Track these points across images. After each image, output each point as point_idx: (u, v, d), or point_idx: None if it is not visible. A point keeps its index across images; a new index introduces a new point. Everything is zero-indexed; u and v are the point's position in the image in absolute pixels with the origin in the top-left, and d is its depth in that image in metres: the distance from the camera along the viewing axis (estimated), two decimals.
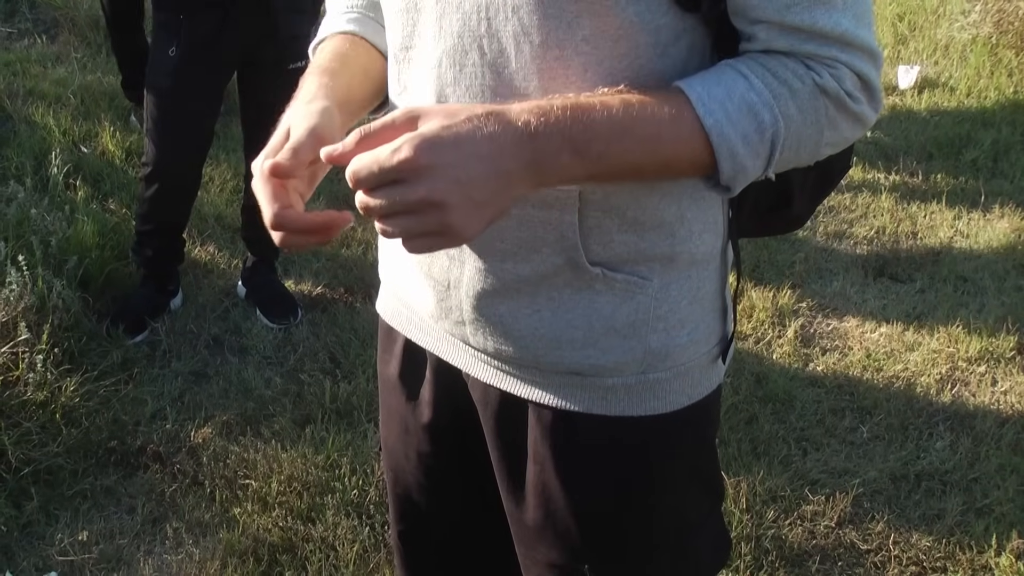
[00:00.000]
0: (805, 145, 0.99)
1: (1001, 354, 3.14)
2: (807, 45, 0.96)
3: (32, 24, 5.36)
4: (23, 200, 3.31)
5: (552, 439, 1.17)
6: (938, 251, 3.72)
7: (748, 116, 0.95)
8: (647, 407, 1.14)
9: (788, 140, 0.97)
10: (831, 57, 0.96)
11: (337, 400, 2.85)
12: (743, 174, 0.97)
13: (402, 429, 1.37)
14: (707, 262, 1.13)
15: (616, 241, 1.06)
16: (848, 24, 0.95)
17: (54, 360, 2.76)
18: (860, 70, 0.98)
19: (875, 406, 2.91)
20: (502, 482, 1.26)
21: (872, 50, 0.98)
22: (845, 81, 0.97)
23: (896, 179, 4.22)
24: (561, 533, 1.21)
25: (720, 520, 1.34)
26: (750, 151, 0.96)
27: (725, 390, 2.89)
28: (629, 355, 1.11)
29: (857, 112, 1.00)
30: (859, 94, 0.99)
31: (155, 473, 2.60)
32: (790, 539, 2.45)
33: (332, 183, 4.07)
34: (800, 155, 1.00)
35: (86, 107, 4.41)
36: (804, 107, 0.96)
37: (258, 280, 3.29)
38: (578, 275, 1.07)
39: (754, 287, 3.44)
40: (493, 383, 1.19)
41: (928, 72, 5.21)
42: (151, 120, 2.99)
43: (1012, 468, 2.68)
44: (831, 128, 0.99)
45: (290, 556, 2.35)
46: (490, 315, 1.12)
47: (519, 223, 1.06)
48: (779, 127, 0.96)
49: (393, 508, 1.46)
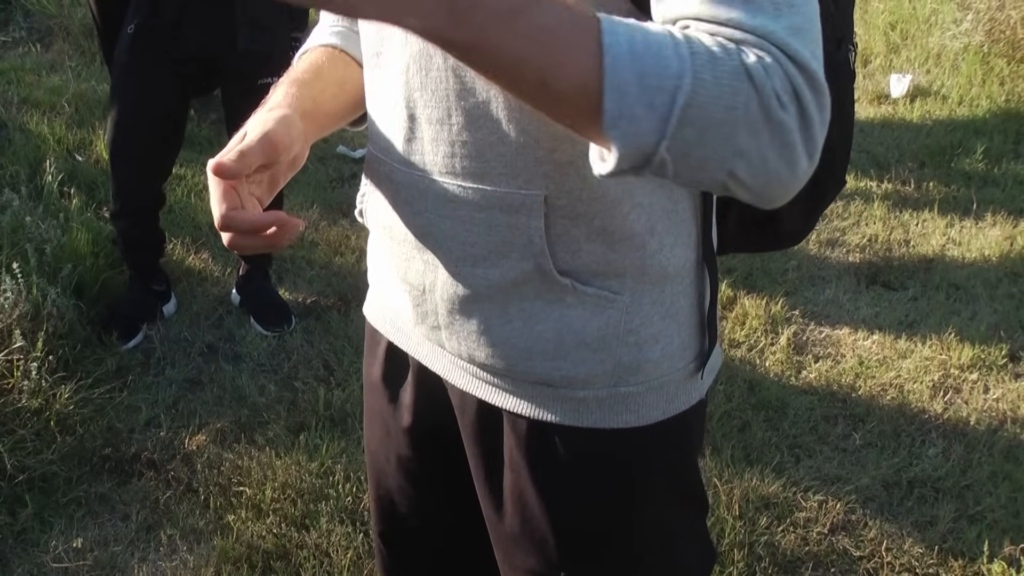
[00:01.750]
0: (714, 134, 0.81)
1: (993, 361, 3.15)
2: (729, 31, 0.83)
3: (26, 33, 5.37)
4: (18, 208, 3.32)
5: (527, 448, 1.17)
6: (930, 259, 3.74)
7: (653, 55, 0.80)
8: (620, 420, 1.13)
9: (694, 109, 0.80)
10: (760, 46, 0.82)
11: (331, 407, 2.85)
12: (629, 124, 0.81)
13: (384, 432, 1.38)
14: (680, 277, 1.11)
15: (584, 250, 1.06)
16: (776, 28, 0.83)
17: (48, 368, 2.76)
18: (792, 73, 0.82)
19: (868, 413, 2.92)
20: (480, 488, 1.26)
21: (809, 68, 0.83)
22: (774, 76, 0.81)
23: (888, 187, 4.24)
24: (538, 541, 1.21)
25: (704, 531, 1.34)
26: (643, 95, 0.80)
27: (718, 397, 2.90)
28: (599, 368, 1.10)
29: (782, 122, 0.82)
30: (788, 100, 0.82)
31: (149, 480, 2.60)
32: (783, 546, 2.45)
33: (326, 190, 4.09)
34: (705, 144, 0.82)
35: (80, 115, 4.41)
36: (722, 80, 0.80)
37: (252, 288, 3.30)
38: (548, 285, 1.07)
39: (747, 295, 3.45)
40: (469, 390, 1.20)
41: (920, 81, 5.23)
42: (110, 94, 3.06)
43: (1004, 475, 2.69)
44: (749, 130, 0.82)
45: (284, 563, 2.35)
46: (463, 321, 1.13)
47: (488, 227, 1.06)
48: (685, 82, 0.79)
49: (374, 510, 1.47)
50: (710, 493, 2.56)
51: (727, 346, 3.19)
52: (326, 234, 3.76)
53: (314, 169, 4.28)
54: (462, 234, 1.07)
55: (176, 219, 3.71)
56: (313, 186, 4.12)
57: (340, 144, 4.48)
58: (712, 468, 2.66)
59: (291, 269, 3.55)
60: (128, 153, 3.05)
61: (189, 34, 2.87)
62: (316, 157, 4.38)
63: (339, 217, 3.86)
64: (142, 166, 3.10)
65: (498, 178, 1.03)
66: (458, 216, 1.07)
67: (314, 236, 3.75)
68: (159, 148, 3.11)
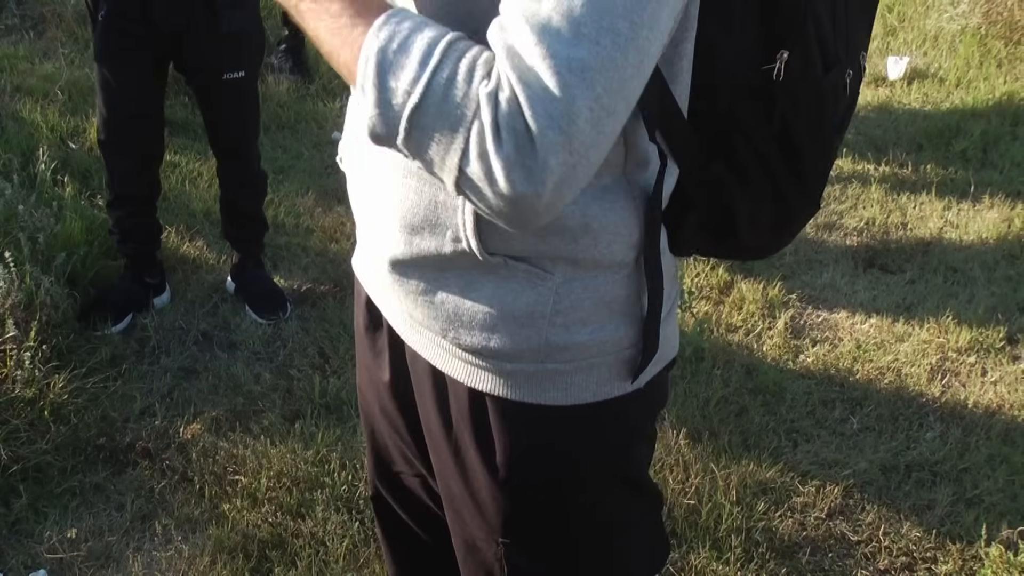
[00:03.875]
0: (437, 146, 0.87)
1: (991, 344, 3.14)
2: (502, 45, 0.85)
3: (19, 20, 5.33)
4: (10, 196, 3.29)
5: (467, 414, 1.19)
6: (928, 242, 3.72)
7: (399, 57, 0.88)
8: (547, 396, 1.14)
9: (420, 117, 0.87)
10: (509, 74, 0.83)
11: (326, 395, 2.84)
12: (371, 112, 0.90)
13: (369, 381, 1.43)
14: (617, 268, 1.09)
15: (515, 239, 1.06)
16: (558, 57, 0.82)
17: (42, 357, 2.75)
18: (528, 111, 0.82)
19: (865, 397, 2.91)
20: (430, 442, 1.29)
21: (567, 109, 0.82)
22: (502, 113, 0.83)
23: (886, 170, 4.22)
24: (480, 505, 1.23)
25: (657, 526, 1.34)
26: (382, 94, 0.88)
27: (715, 382, 2.89)
28: (526, 343, 1.11)
29: (496, 154, 0.84)
30: (508, 136, 0.83)
31: (144, 470, 2.59)
32: (780, 531, 2.45)
33: (321, 177, 4.07)
34: (430, 151, 0.88)
35: (74, 103, 4.39)
36: (450, 101, 0.85)
37: (247, 276, 3.28)
38: (481, 261, 1.08)
39: (744, 279, 3.43)
40: (417, 349, 1.22)
41: (917, 63, 5.21)
42: (96, 83, 3.02)
43: (1002, 458, 2.68)
44: (468, 155, 0.86)
45: (280, 552, 2.34)
46: (404, 280, 1.16)
47: (430, 201, 1.07)
48: (417, 91, 0.87)
49: (369, 459, 1.52)
50: (707, 478, 2.55)
51: (724, 331, 3.18)
52: (321, 221, 3.74)
53: (309, 155, 4.26)
54: (407, 201, 1.10)
55: (171, 207, 3.69)
56: (308, 173, 4.10)
57: (335, 131, 4.46)
58: (709, 453, 2.65)
59: (286, 256, 3.53)
60: (114, 139, 3.03)
61: (159, 16, 2.84)
62: (311, 144, 4.36)
63: (334, 204, 3.84)
64: (129, 151, 3.07)
65: None
66: (406, 184, 1.09)
67: (309, 223, 3.73)
68: (143, 131, 3.07)
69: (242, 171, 3.21)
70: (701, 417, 2.76)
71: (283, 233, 3.64)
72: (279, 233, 3.61)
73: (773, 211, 1.13)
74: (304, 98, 4.78)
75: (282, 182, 3.98)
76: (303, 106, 4.70)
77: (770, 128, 1.05)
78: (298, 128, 4.51)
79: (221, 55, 2.93)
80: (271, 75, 4.85)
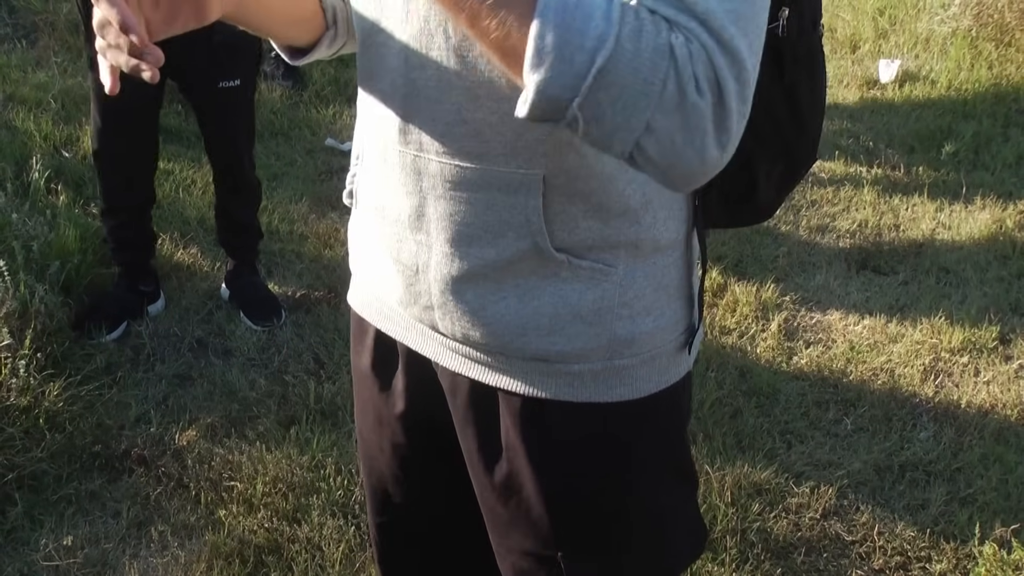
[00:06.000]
0: (626, 103, 0.83)
1: (984, 344, 3.15)
2: (668, 9, 0.84)
3: (12, 29, 5.33)
4: (4, 205, 3.30)
5: (522, 426, 1.17)
6: (920, 243, 3.74)
7: (583, 15, 0.83)
8: (614, 393, 1.15)
9: (610, 74, 0.82)
10: (690, 29, 0.84)
11: (322, 401, 2.84)
12: (546, 73, 0.83)
13: (376, 420, 1.38)
14: (671, 249, 1.13)
15: (581, 227, 1.07)
16: (718, 10, 0.84)
17: (37, 365, 2.75)
18: (718, 63, 0.83)
19: (859, 398, 2.92)
20: (473, 471, 1.27)
21: (740, 58, 0.84)
22: (698, 61, 0.83)
23: (878, 172, 4.24)
24: (534, 522, 1.22)
25: (695, 509, 1.35)
26: (564, 50, 0.82)
27: (709, 384, 2.90)
28: (594, 341, 1.12)
29: (696, 107, 0.84)
30: (707, 88, 0.84)
31: (140, 477, 2.59)
32: (775, 531, 2.45)
33: (315, 183, 4.08)
34: (617, 112, 0.84)
35: (67, 111, 4.39)
36: (643, 53, 0.82)
37: (241, 282, 3.29)
38: (543, 262, 1.08)
39: (737, 281, 3.44)
40: (462, 371, 1.20)
41: (909, 65, 5.22)
42: (90, 92, 3.04)
43: (995, 457, 2.69)
44: (662, 109, 0.83)
45: (276, 557, 2.34)
46: (457, 300, 1.13)
47: (486, 207, 1.06)
48: (606, 46, 0.82)
49: (369, 500, 1.47)
50: (702, 480, 2.56)
51: (718, 333, 3.18)
52: (315, 227, 3.75)
53: (302, 162, 4.26)
54: (458, 214, 1.07)
55: (164, 214, 3.69)
56: (302, 179, 4.11)
57: (329, 137, 4.47)
58: (704, 455, 2.66)
59: (280, 263, 3.54)
60: (108, 148, 3.03)
61: None
62: (304, 150, 4.37)
63: (328, 210, 3.85)
64: (124, 161, 3.07)
65: (496, 158, 1.04)
66: (455, 196, 1.07)
67: (303, 229, 3.73)
68: (137, 141, 3.07)
69: (237, 179, 3.21)
70: (695, 419, 2.77)
71: (277, 240, 3.65)
72: (273, 240, 3.62)
73: (783, 167, 1.17)
74: (297, 105, 4.79)
75: (276, 189, 3.99)
76: (296, 113, 4.71)
77: (782, 84, 1.10)
78: (291, 135, 4.52)
79: (215, 64, 2.92)
80: (264, 82, 4.86)
